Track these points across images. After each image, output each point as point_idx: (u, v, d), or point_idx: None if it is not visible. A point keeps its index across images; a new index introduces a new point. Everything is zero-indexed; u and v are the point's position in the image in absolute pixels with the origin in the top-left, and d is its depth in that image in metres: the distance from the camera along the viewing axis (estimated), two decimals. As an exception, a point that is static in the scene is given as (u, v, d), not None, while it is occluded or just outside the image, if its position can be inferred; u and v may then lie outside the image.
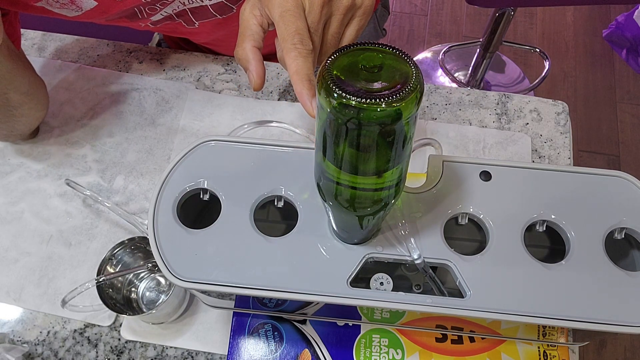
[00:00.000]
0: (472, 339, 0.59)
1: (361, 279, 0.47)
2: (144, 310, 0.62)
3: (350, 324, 0.60)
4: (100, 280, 0.55)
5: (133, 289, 0.63)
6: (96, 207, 0.70)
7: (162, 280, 0.64)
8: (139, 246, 0.61)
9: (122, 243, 0.60)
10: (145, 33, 1.02)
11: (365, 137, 0.32)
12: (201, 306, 0.63)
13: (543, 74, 1.85)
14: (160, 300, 0.62)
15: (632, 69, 1.93)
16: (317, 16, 0.46)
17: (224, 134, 0.72)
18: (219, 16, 0.70)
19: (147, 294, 0.63)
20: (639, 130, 1.81)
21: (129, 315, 0.57)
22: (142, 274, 0.64)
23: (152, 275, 0.64)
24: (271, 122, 0.73)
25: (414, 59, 0.31)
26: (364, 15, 0.49)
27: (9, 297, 0.65)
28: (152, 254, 0.46)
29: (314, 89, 0.43)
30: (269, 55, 0.85)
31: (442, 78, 1.91)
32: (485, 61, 1.69)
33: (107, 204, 0.65)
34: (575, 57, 1.97)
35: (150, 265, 0.58)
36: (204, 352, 0.61)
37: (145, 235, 0.60)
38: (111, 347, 0.62)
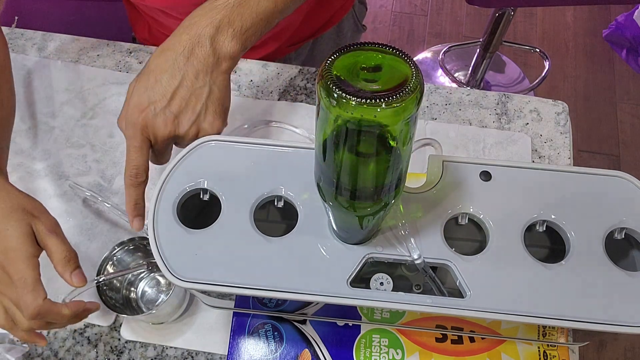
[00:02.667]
0: (472, 339, 0.59)
1: (361, 279, 0.47)
2: (144, 310, 0.62)
3: (350, 324, 0.60)
4: (100, 280, 0.55)
5: (133, 289, 0.63)
6: (96, 207, 0.70)
7: (162, 280, 0.64)
8: (138, 246, 0.61)
9: (122, 243, 0.60)
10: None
11: (365, 137, 0.32)
12: (201, 306, 0.63)
13: (543, 74, 1.85)
14: (160, 300, 0.62)
15: (632, 69, 1.93)
16: (161, 146, 0.53)
17: (224, 134, 0.72)
18: None
19: (147, 294, 0.63)
20: (639, 130, 1.81)
21: (129, 315, 0.57)
22: (142, 274, 0.64)
23: (152, 275, 0.64)
24: (271, 122, 0.73)
25: (414, 59, 0.31)
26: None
27: (9, 297, 0.65)
28: (152, 253, 0.46)
29: (138, 210, 0.52)
30: (267, 55, 0.85)
31: (442, 78, 1.91)
32: (485, 61, 1.69)
33: (108, 204, 0.65)
34: (575, 57, 1.96)
35: (146, 263, 0.58)
36: (204, 352, 0.61)
37: (145, 235, 0.60)
38: (111, 347, 0.62)
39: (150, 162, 0.53)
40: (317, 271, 0.44)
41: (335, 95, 0.29)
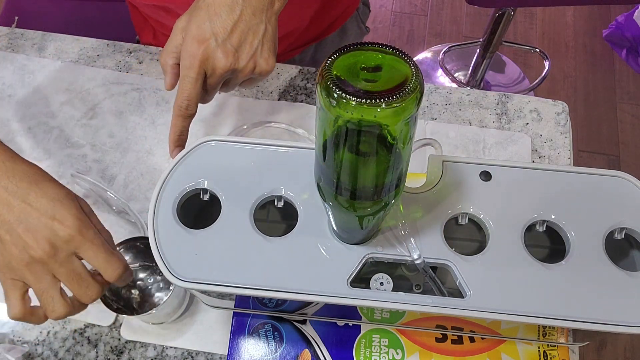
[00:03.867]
0: (472, 339, 0.59)
1: (361, 279, 0.47)
2: (144, 310, 0.62)
3: (350, 324, 0.60)
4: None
5: (132, 289, 0.63)
6: (96, 207, 0.70)
7: (161, 280, 0.64)
8: (138, 246, 0.61)
9: (122, 243, 0.60)
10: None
11: (365, 137, 0.32)
12: (201, 306, 0.63)
13: (543, 74, 1.85)
14: (160, 300, 0.62)
15: (632, 69, 1.93)
16: (216, 80, 0.54)
17: (224, 134, 0.72)
18: None
19: (147, 294, 0.63)
20: (639, 130, 1.81)
21: (129, 315, 0.57)
22: (141, 274, 0.64)
23: (152, 275, 0.64)
24: (271, 122, 0.73)
25: (414, 59, 0.31)
26: (261, 77, 0.56)
27: (9, 297, 0.65)
28: (151, 253, 0.46)
29: (181, 141, 0.55)
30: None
31: (442, 78, 1.91)
32: (485, 61, 1.69)
33: (112, 194, 0.66)
34: (575, 57, 1.97)
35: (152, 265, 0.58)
36: (204, 352, 0.61)
37: (146, 235, 0.60)
38: (111, 347, 0.62)
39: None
40: (317, 271, 0.44)
41: (335, 95, 0.29)
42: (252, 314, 0.60)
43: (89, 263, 0.46)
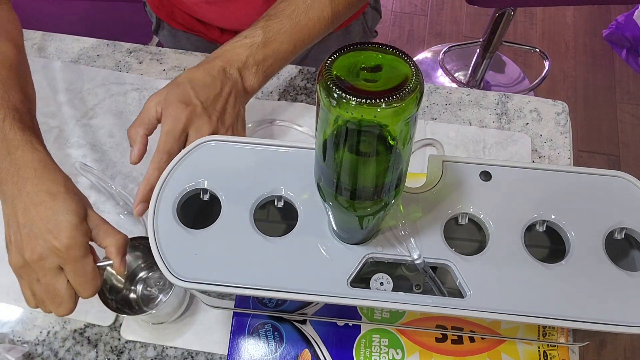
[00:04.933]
0: (472, 339, 0.59)
1: (361, 279, 0.47)
2: (144, 310, 0.62)
3: (350, 324, 0.60)
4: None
5: (133, 289, 0.63)
6: (96, 207, 0.70)
7: (162, 280, 0.64)
8: (138, 246, 0.61)
9: None
10: (146, 33, 1.01)
11: (365, 137, 0.32)
12: (201, 306, 0.63)
13: (543, 74, 1.85)
14: (160, 300, 0.62)
15: (632, 69, 1.93)
16: (193, 141, 0.53)
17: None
18: None
19: (147, 294, 0.63)
20: (639, 130, 1.81)
21: (129, 315, 0.57)
22: (142, 274, 0.64)
23: (152, 275, 0.64)
24: (275, 120, 0.74)
25: (414, 59, 0.31)
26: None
27: (9, 297, 0.65)
28: (152, 253, 0.46)
29: (149, 197, 0.51)
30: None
31: (442, 78, 1.91)
32: (485, 61, 1.69)
33: (115, 188, 0.66)
34: (575, 57, 1.97)
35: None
36: (204, 352, 0.61)
37: (145, 235, 0.60)
38: (111, 347, 0.62)
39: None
40: (317, 271, 0.44)
41: (335, 95, 0.29)
42: (252, 314, 0.60)
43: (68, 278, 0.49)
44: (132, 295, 0.63)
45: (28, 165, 0.50)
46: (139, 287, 0.63)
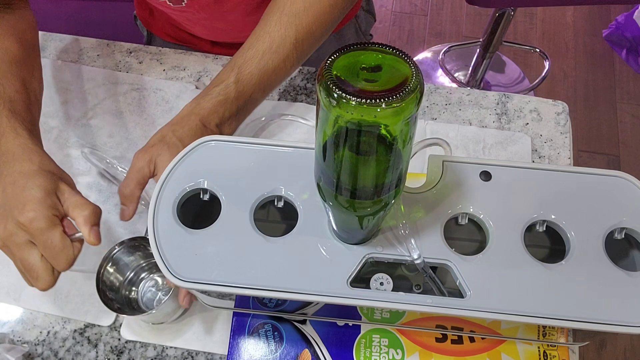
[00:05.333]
0: (472, 339, 0.59)
1: (361, 279, 0.47)
2: (144, 310, 0.62)
3: (350, 324, 0.60)
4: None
5: (133, 289, 0.63)
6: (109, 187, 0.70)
7: (161, 280, 0.64)
8: (138, 246, 0.61)
9: (122, 243, 0.60)
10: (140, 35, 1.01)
11: (365, 137, 0.32)
12: (201, 306, 0.63)
13: (543, 74, 1.85)
14: (160, 300, 0.62)
15: (632, 69, 1.93)
16: None
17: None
18: None
19: (147, 294, 0.63)
20: (639, 130, 1.81)
21: (129, 315, 0.57)
22: (141, 274, 0.64)
23: (152, 275, 0.64)
24: (284, 114, 0.74)
25: (414, 59, 0.31)
26: None
27: (9, 297, 0.65)
28: (151, 253, 0.46)
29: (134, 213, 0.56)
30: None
31: (442, 78, 1.91)
32: (485, 61, 1.69)
33: (122, 168, 0.69)
34: (575, 57, 1.96)
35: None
36: (204, 352, 0.61)
37: (145, 235, 0.60)
38: (111, 347, 0.62)
39: None
40: (317, 271, 0.44)
41: (335, 95, 0.29)
42: (252, 314, 0.60)
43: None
44: (133, 295, 0.63)
45: (9, 151, 0.53)
46: (140, 287, 0.63)
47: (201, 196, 0.48)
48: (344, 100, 0.29)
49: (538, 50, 1.90)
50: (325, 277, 0.44)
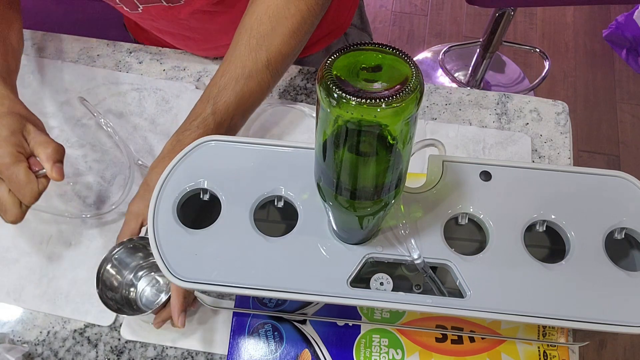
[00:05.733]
0: (472, 339, 0.59)
1: (361, 279, 0.47)
2: (144, 310, 0.62)
3: (350, 324, 0.60)
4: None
5: (132, 289, 0.63)
6: (97, 206, 0.70)
7: (161, 280, 0.64)
8: (138, 246, 0.61)
9: (121, 243, 0.60)
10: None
11: (365, 137, 0.32)
12: (201, 306, 0.63)
13: (543, 74, 1.85)
14: (160, 300, 0.62)
15: (632, 69, 1.93)
16: None
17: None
18: (164, 2, 0.68)
19: (147, 294, 0.63)
20: (639, 130, 1.81)
21: (129, 315, 0.57)
22: (141, 274, 0.64)
23: (152, 275, 0.64)
24: (296, 104, 0.75)
25: (414, 59, 0.31)
26: None
27: (9, 297, 0.65)
28: (151, 253, 0.46)
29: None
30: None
31: (442, 78, 1.91)
32: (485, 61, 1.69)
33: (107, 122, 0.72)
34: (575, 57, 1.97)
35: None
36: (204, 352, 0.61)
37: (145, 236, 0.60)
38: (111, 347, 0.62)
39: None
40: (317, 271, 0.44)
41: (335, 95, 0.29)
42: (252, 314, 0.60)
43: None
44: (132, 296, 0.63)
45: None
46: (139, 287, 0.63)
47: (201, 196, 0.48)
48: (344, 100, 0.29)
49: (538, 50, 1.90)
50: (325, 277, 0.44)
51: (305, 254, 0.45)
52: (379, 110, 0.29)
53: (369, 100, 0.29)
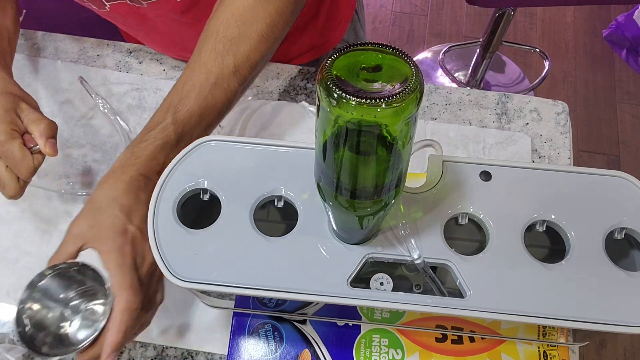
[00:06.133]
0: (472, 339, 0.59)
1: (361, 279, 0.47)
2: (77, 346, 0.49)
3: (350, 324, 0.60)
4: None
5: (64, 324, 0.51)
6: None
7: (99, 309, 0.50)
8: (70, 274, 0.50)
9: (53, 267, 0.50)
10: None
11: (365, 137, 0.32)
12: (201, 306, 0.63)
13: (543, 74, 1.85)
14: (91, 336, 0.48)
15: (632, 69, 1.93)
16: (147, 268, 0.51)
17: (224, 133, 0.72)
18: (128, 1, 0.66)
19: (83, 326, 0.51)
20: (639, 130, 1.81)
21: (59, 355, 0.48)
22: (75, 304, 0.51)
23: (86, 305, 0.51)
24: (301, 102, 0.75)
25: (414, 59, 0.31)
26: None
27: (9, 297, 0.65)
28: (87, 282, 0.45)
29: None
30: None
31: (442, 78, 1.91)
32: (485, 61, 1.69)
33: (105, 104, 0.73)
34: (575, 57, 1.97)
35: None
36: (204, 352, 0.61)
37: (82, 261, 0.50)
38: (111, 347, 0.62)
39: None
40: (317, 271, 0.44)
41: (335, 95, 0.29)
42: (252, 314, 0.60)
43: None
44: (63, 331, 0.50)
45: None
46: (73, 322, 0.51)
47: (201, 196, 0.48)
48: (344, 100, 0.29)
49: (538, 50, 1.90)
50: (325, 277, 0.44)
51: (305, 254, 0.45)
52: (379, 110, 0.29)
53: (369, 100, 0.29)
